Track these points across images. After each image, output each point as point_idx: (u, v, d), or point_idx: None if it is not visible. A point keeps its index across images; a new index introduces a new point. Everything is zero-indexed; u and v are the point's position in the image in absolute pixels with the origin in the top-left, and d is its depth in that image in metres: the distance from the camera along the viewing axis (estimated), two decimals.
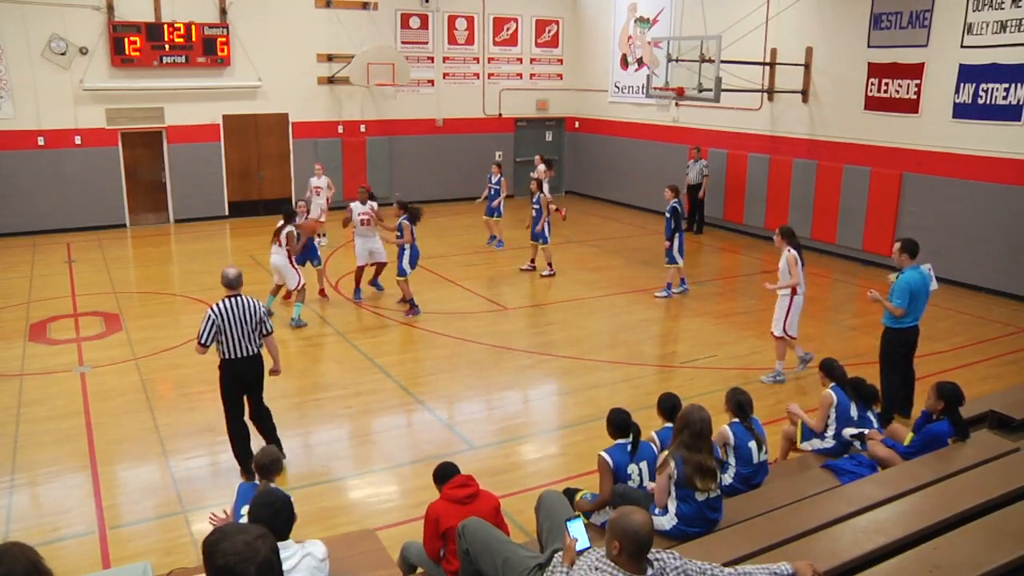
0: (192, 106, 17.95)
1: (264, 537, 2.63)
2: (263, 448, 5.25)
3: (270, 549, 2.62)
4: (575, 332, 11.33)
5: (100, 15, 16.67)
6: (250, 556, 2.55)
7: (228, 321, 6.84)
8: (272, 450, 5.25)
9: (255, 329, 6.96)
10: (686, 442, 5.06)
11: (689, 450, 5.04)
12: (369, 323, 11.62)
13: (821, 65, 15.60)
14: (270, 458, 5.16)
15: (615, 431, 5.63)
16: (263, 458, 5.14)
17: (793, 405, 7.06)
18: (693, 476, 5.00)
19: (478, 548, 4.65)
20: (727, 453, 5.91)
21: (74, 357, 10.15)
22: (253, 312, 6.93)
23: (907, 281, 7.84)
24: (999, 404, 7.21)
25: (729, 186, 17.75)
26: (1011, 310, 12.34)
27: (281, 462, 5.18)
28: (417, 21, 20.23)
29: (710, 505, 5.12)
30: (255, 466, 5.16)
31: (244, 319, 6.88)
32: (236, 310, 6.87)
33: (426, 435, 8.22)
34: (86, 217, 17.39)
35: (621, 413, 5.64)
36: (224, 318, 6.83)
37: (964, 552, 4.38)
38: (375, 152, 20.15)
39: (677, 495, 5.12)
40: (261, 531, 2.67)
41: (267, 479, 5.06)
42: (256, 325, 6.96)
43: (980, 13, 12.80)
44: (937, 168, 13.70)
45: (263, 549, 2.59)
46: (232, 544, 2.57)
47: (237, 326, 6.87)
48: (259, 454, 5.19)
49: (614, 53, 20.93)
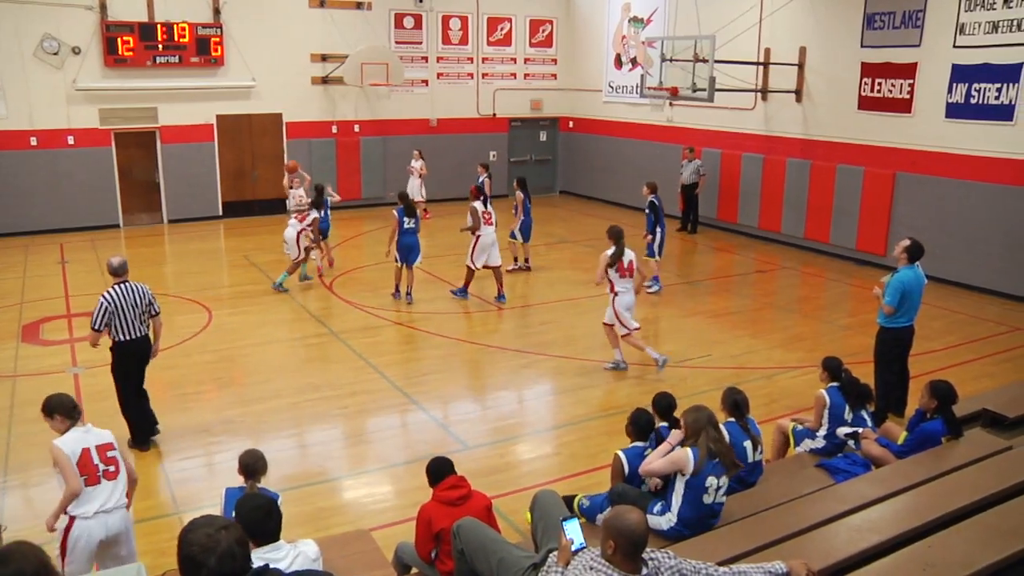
0: (186, 106, 17.91)
1: (228, 528, 2.77)
2: (248, 450, 5.17)
3: (234, 540, 2.75)
4: (569, 332, 11.33)
5: (93, 15, 16.62)
6: (211, 547, 2.69)
7: (120, 306, 7.35)
8: (256, 451, 5.15)
9: (144, 311, 7.53)
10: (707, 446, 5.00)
11: (717, 458, 5.01)
12: (364, 323, 11.60)
13: (815, 65, 15.63)
14: (255, 458, 5.06)
15: (638, 434, 5.57)
16: (248, 459, 5.06)
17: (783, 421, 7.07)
18: (731, 464, 5.03)
19: (473, 548, 4.65)
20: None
21: (67, 358, 10.13)
22: (142, 296, 7.49)
23: (900, 280, 7.87)
24: (992, 403, 7.22)
25: (723, 186, 17.78)
26: (1005, 309, 12.38)
27: (265, 462, 5.11)
28: (411, 21, 20.21)
29: (712, 511, 5.11)
30: (240, 468, 5.08)
31: (135, 303, 7.43)
32: (127, 295, 7.40)
33: (420, 435, 8.22)
34: (79, 217, 17.34)
35: (646, 415, 5.58)
36: (116, 303, 7.34)
37: (958, 550, 4.39)
38: (369, 152, 20.13)
39: (684, 495, 5.04)
40: (226, 523, 2.81)
41: (253, 479, 5.01)
42: (146, 308, 7.53)
43: (972, 13, 12.83)
44: (930, 168, 13.74)
45: (224, 540, 2.72)
46: (196, 535, 2.73)
47: (128, 309, 7.40)
48: (244, 455, 5.10)
49: (608, 53, 20.95)
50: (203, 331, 11.15)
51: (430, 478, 5.17)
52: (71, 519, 4.96)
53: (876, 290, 8.10)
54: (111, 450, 5.14)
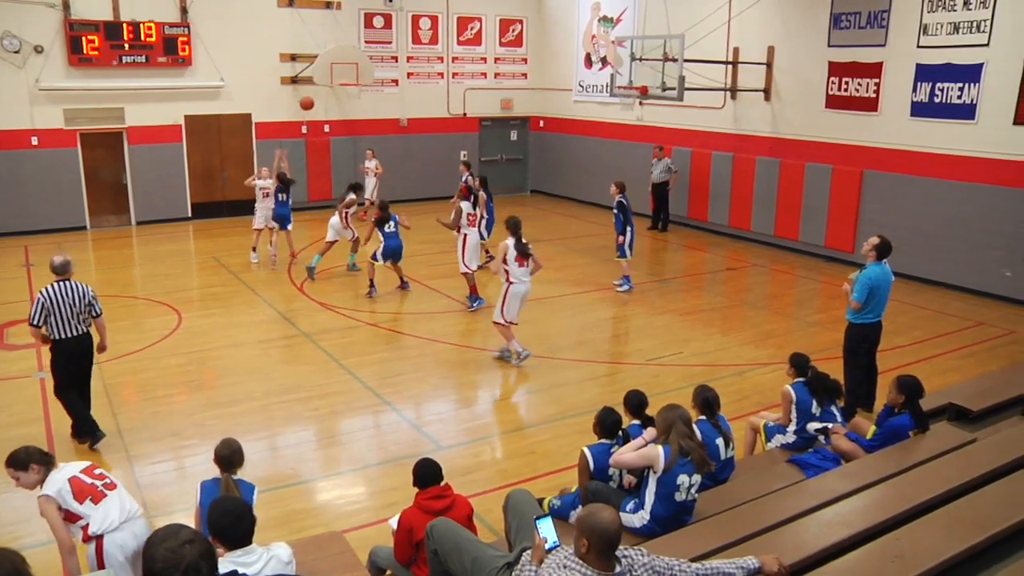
0: (153, 106, 17.69)
1: (192, 543, 2.74)
2: (224, 440, 5.13)
3: (198, 554, 2.72)
4: (541, 330, 11.35)
5: (56, 12, 16.35)
6: (175, 562, 2.67)
7: (56, 304, 7.36)
8: (232, 441, 5.12)
9: (83, 311, 7.52)
10: (677, 443, 5.05)
11: (687, 455, 5.05)
12: (335, 324, 11.54)
13: (783, 64, 15.79)
14: (230, 449, 5.04)
15: (605, 432, 5.60)
16: (223, 449, 5.04)
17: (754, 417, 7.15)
18: (702, 463, 5.05)
19: (447, 549, 4.65)
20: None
21: (34, 363, 9.96)
22: (81, 296, 7.49)
23: (868, 276, 7.97)
24: (958, 397, 7.34)
25: (693, 184, 17.90)
26: (969, 304, 12.59)
27: (242, 453, 5.10)
28: (381, 20, 20.13)
29: (686, 508, 5.14)
30: (216, 458, 5.07)
31: (72, 302, 7.42)
32: (64, 294, 7.40)
33: (394, 436, 8.19)
34: (45, 219, 17.04)
35: (614, 415, 5.61)
36: (52, 301, 7.36)
37: (925, 541, 4.46)
38: (339, 152, 20.01)
39: (657, 492, 5.08)
40: (191, 536, 2.77)
41: (228, 472, 4.99)
42: (84, 308, 7.52)
43: (935, 14, 13.04)
44: (896, 166, 13.93)
45: (189, 555, 2.70)
46: (159, 551, 2.71)
47: (65, 308, 7.40)
48: (220, 446, 5.08)
49: (578, 52, 21.01)
50: (173, 334, 11.03)
51: (416, 479, 5.13)
52: (98, 539, 4.76)
53: (845, 286, 8.21)
54: (96, 468, 5.08)
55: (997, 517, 4.70)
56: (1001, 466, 5.54)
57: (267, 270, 14.27)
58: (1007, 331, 11.37)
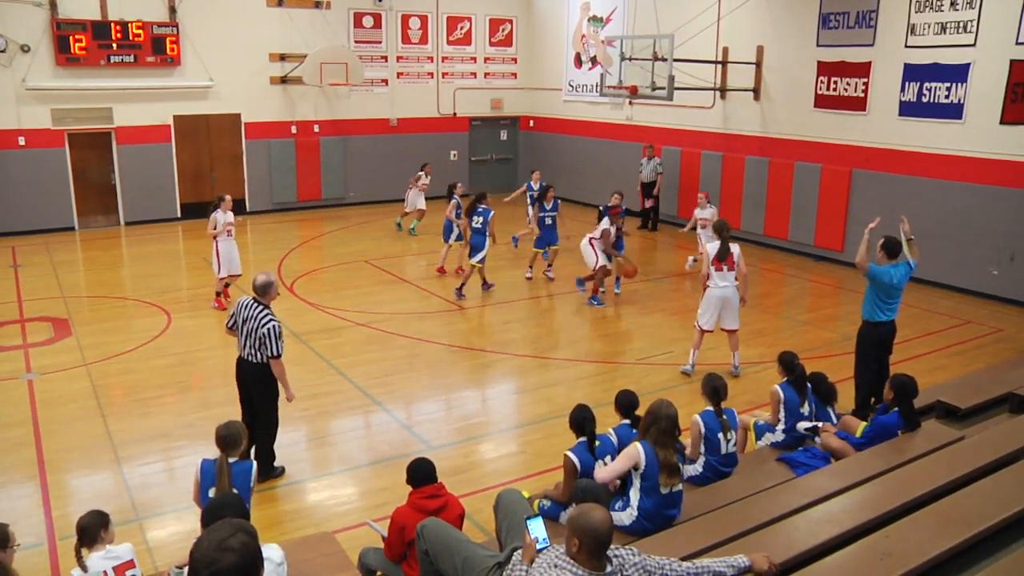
0: (142, 106, 17.61)
1: (235, 551, 2.60)
2: (226, 422, 5.33)
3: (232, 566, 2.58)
4: (532, 330, 11.35)
5: (43, 12, 16.25)
6: (208, 563, 2.58)
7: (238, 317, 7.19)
8: (233, 423, 5.31)
9: (254, 340, 7.04)
10: (654, 437, 5.10)
11: (655, 446, 5.09)
12: (325, 324, 11.52)
13: (772, 64, 15.84)
14: (231, 431, 5.21)
15: (575, 429, 5.63)
16: (224, 431, 5.22)
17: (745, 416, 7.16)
18: (661, 472, 5.06)
19: (437, 548, 4.64)
20: (700, 444, 5.98)
21: (21, 364, 9.91)
22: (256, 324, 7.05)
23: (889, 272, 7.98)
24: (946, 395, 7.37)
25: (683, 184, 17.94)
26: (957, 303, 12.66)
27: (240, 435, 5.22)
28: (370, 20, 20.09)
29: (672, 500, 5.16)
30: (217, 439, 5.23)
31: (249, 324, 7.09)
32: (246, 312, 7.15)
33: (384, 436, 8.18)
34: (32, 220, 16.93)
35: (584, 412, 5.64)
36: (239, 313, 7.22)
37: (913, 539, 4.47)
38: (329, 152, 19.97)
39: (641, 487, 5.13)
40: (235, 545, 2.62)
41: (226, 453, 5.17)
42: (256, 338, 7.01)
43: (922, 15, 13.11)
44: (885, 165, 14.00)
45: (227, 562, 2.58)
46: (201, 544, 2.63)
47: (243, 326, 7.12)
48: (221, 427, 5.28)
49: (568, 52, 21.02)
50: (162, 334, 10.99)
51: (410, 478, 5.13)
52: None
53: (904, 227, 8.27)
54: (129, 569, 4.49)
55: (985, 514, 4.72)
56: (989, 463, 5.57)
57: (257, 270, 14.15)
58: (995, 329, 11.44)
